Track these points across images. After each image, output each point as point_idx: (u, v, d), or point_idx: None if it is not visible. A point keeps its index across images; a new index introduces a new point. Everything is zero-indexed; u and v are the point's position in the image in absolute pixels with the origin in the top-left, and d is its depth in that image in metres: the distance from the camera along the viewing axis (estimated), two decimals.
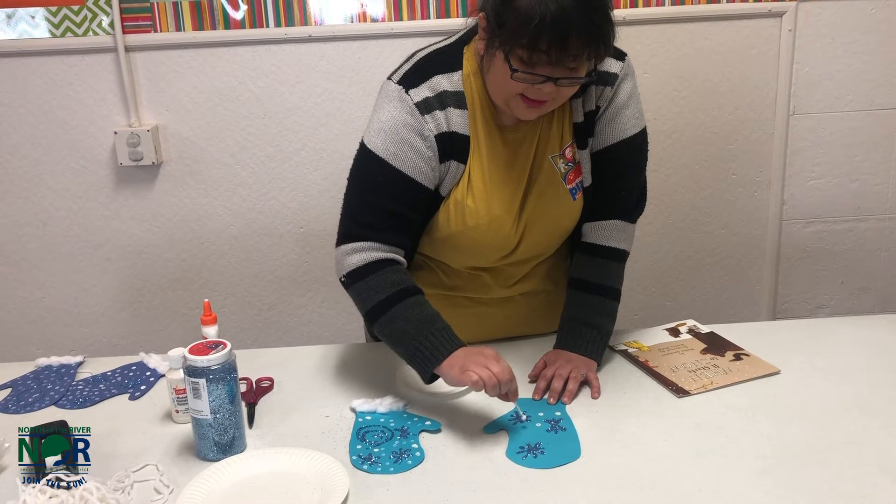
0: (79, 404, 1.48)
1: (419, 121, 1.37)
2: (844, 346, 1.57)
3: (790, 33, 2.30)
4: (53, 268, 2.43)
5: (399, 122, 1.37)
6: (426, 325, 1.34)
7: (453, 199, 1.43)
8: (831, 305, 2.60)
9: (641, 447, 1.28)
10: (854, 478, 1.18)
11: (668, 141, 2.39)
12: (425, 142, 1.37)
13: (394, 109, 1.37)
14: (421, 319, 1.35)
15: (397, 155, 1.37)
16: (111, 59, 2.25)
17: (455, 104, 1.39)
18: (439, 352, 1.31)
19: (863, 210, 2.49)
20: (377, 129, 1.38)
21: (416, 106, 1.37)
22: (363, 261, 1.39)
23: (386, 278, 1.38)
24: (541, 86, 1.28)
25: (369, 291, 1.38)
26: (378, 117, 1.39)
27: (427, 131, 1.37)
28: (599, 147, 1.47)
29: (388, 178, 1.38)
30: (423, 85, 1.38)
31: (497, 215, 1.44)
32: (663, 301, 2.56)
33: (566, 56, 1.24)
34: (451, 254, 1.53)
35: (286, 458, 1.26)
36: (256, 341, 2.50)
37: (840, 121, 2.40)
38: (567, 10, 1.20)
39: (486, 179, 1.43)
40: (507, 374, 1.28)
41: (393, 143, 1.37)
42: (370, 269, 1.38)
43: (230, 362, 1.27)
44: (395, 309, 1.36)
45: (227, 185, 2.38)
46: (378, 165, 1.38)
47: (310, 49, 2.27)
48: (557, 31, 1.21)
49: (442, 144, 1.39)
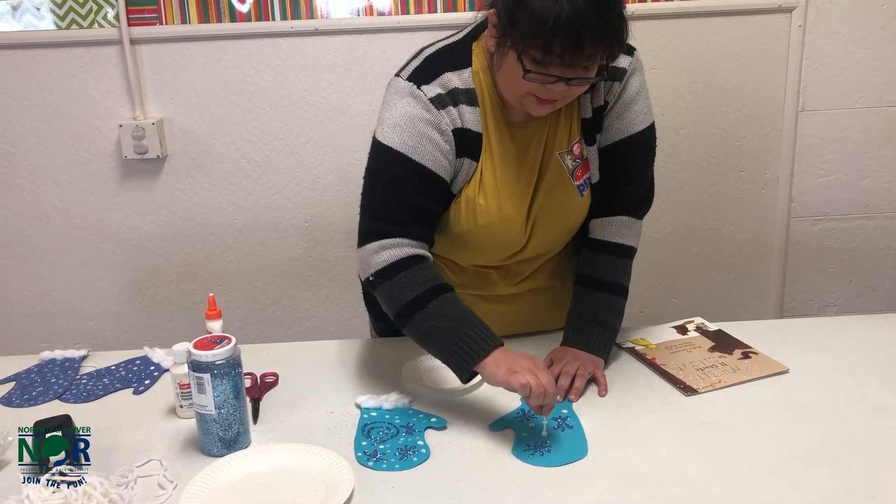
0: (83, 398, 1.48)
1: (436, 115, 1.35)
2: (853, 345, 1.56)
3: (800, 29, 2.28)
4: (57, 261, 2.43)
5: (415, 117, 1.34)
6: (464, 321, 1.31)
7: (465, 197, 1.42)
8: (839, 304, 2.58)
9: (649, 445, 1.27)
10: (863, 477, 1.17)
11: (676, 137, 2.37)
12: (443, 136, 1.36)
13: (407, 105, 1.35)
14: (458, 316, 1.31)
15: (416, 148, 1.34)
16: (116, 51, 2.24)
17: (466, 101, 1.37)
18: (480, 349, 1.28)
19: (872, 208, 2.48)
20: (392, 125, 1.35)
21: (431, 101, 1.35)
22: (392, 258, 1.34)
23: (418, 275, 1.33)
24: (552, 85, 1.27)
25: (402, 289, 1.33)
26: (391, 113, 1.36)
27: (444, 125, 1.36)
28: (607, 143, 1.46)
29: (408, 172, 1.35)
30: (433, 82, 1.36)
31: (508, 213, 1.43)
32: (670, 298, 2.54)
33: (580, 57, 1.22)
34: (461, 252, 1.52)
35: (291, 454, 1.25)
36: (260, 336, 2.49)
37: (850, 117, 2.38)
38: (581, 10, 1.18)
39: (497, 177, 1.42)
40: (552, 386, 1.25)
41: (410, 136, 1.34)
42: (400, 266, 1.34)
43: (235, 357, 1.26)
44: (431, 306, 1.31)
45: (232, 179, 2.37)
46: (397, 160, 1.35)
47: (316, 42, 2.26)
48: (572, 33, 1.19)
49: (458, 140, 1.37)
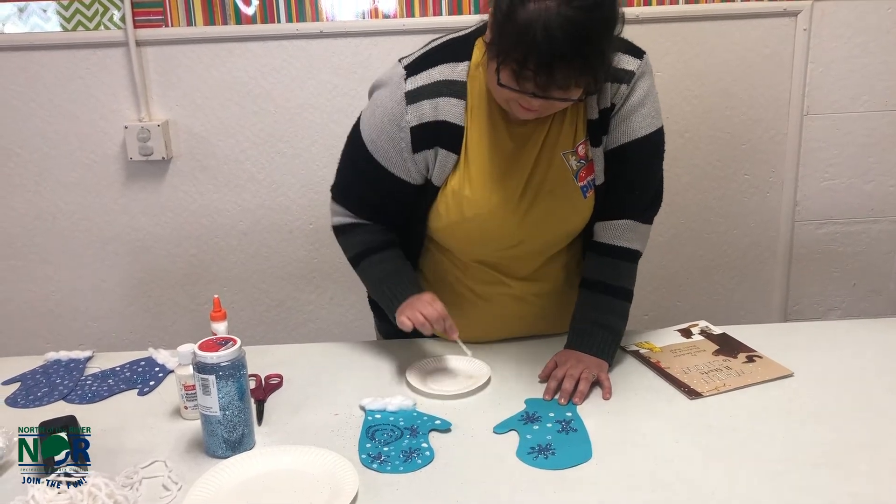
0: (87, 399, 1.48)
1: (401, 109, 1.40)
2: (858, 349, 1.56)
3: (805, 32, 2.28)
4: (62, 262, 2.44)
5: (384, 110, 1.43)
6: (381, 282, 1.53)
7: (450, 189, 1.44)
8: (843, 307, 2.58)
9: (653, 449, 1.26)
10: (868, 481, 1.17)
11: (681, 140, 2.37)
12: (400, 132, 1.41)
13: (385, 95, 1.43)
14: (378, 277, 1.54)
15: (376, 143, 1.45)
16: (122, 53, 2.25)
17: (452, 94, 1.40)
18: (393, 302, 1.49)
19: (876, 212, 2.47)
20: (369, 113, 1.46)
21: (406, 95, 1.40)
22: (339, 223, 1.57)
23: (356, 238, 1.56)
24: (530, 98, 1.27)
25: (345, 245, 1.59)
26: (375, 102, 1.46)
27: (404, 122, 1.41)
28: (613, 145, 1.46)
29: (367, 165, 1.47)
30: (423, 73, 1.40)
31: (496, 206, 1.44)
32: (674, 301, 2.54)
33: (552, 84, 1.23)
34: (454, 243, 1.53)
35: (295, 455, 1.25)
36: (265, 338, 2.50)
37: (855, 121, 2.38)
38: (555, 41, 1.18)
39: (486, 171, 1.43)
40: (435, 314, 1.42)
41: (374, 130, 1.44)
42: (344, 229, 1.57)
43: (240, 359, 1.27)
44: (363, 264, 1.55)
45: (236, 181, 2.37)
46: (361, 149, 1.47)
47: (321, 45, 2.26)
48: (544, 59, 1.20)
49: (418, 134, 1.40)
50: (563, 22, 1.17)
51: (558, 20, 1.17)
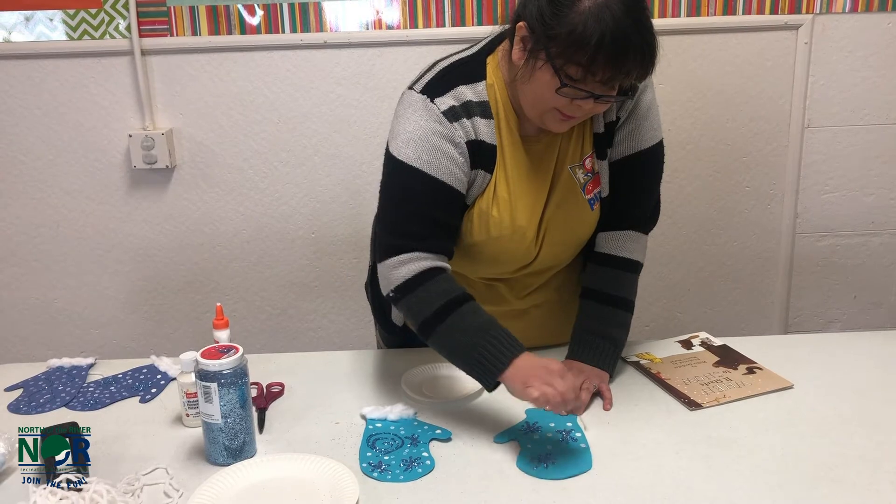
0: (89, 406, 1.49)
1: (448, 128, 1.35)
2: (858, 362, 1.56)
3: (806, 46, 2.29)
4: (66, 269, 2.44)
5: (429, 131, 1.34)
6: (483, 332, 1.31)
7: (477, 209, 1.42)
8: (844, 320, 2.58)
9: (653, 459, 1.27)
10: (868, 494, 1.17)
11: (682, 152, 2.38)
12: (457, 148, 1.36)
13: (420, 118, 1.35)
14: (478, 327, 1.32)
15: (431, 163, 1.34)
16: (127, 62, 2.26)
17: (480, 114, 1.37)
18: (501, 359, 1.28)
19: (877, 224, 2.48)
20: (406, 140, 1.35)
21: (444, 114, 1.35)
22: (411, 272, 1.35)
23: (437, 288, 1.34)
24: (581, 102, 1.27)
25: (421, 304, 1.34)
26: (404, 128, 1.36)
27: (458, 137, 1.36)
28: (618, 157, 1.47)
29: (425, 186, 1.35)
30: (447, 94, 1.36)
31: (520, 226, 1.44)
32: (675, 313, 2.54)
33: (619, 75, 1.24)
34: (471, 263, 1.51)
35: (296, 463, 1.25)
36: (266, 346, 2.50)
37: (855, 134, 2.39)
38: (625, 30, 1.20)
39: (511, 190, 1.42)
40: (571, 391, 1.26)
41: (425, 151, 1.34)
42: (419, 280, 1.34)
43: (242, 367, 1.27)
44: (449, 321, 1.32)
45: (239, 190, 2.38)
46: (413, 175, 1.35)
47: (325, 55, 2.27)
48: (618, 52, 1.21)
49: (472, 151, 1.38)
50: (626, 11, 1.20)
51: (621, 9, 1.20)
